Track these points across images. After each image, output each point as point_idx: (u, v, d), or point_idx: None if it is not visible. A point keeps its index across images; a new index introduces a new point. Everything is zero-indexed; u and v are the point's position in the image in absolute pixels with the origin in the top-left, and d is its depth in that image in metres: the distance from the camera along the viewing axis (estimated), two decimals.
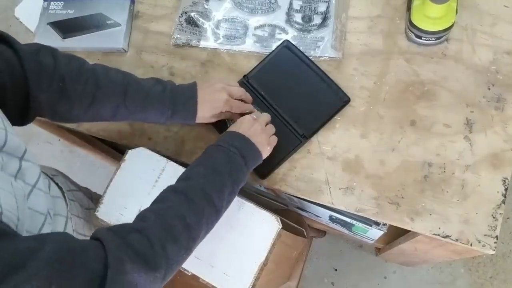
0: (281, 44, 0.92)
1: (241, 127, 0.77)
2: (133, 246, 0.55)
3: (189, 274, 0.77)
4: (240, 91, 0.85)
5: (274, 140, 0.81)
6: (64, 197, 0.79)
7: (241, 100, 0.85)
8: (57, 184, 0.80)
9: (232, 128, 0.78)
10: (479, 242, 0.78)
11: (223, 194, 0.69)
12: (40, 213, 0.61)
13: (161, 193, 0.68)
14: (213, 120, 0.84)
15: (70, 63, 0.72)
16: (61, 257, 0.48)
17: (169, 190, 0.68)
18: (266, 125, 0.81)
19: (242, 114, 0.83)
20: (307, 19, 0.94)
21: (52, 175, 0.83)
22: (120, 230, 0.57)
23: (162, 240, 0.58)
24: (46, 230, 0.62)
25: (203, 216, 0.65)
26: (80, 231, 0.80)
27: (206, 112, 0.81)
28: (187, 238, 0.62)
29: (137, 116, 0.78)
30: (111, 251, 0.52)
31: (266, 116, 0.83)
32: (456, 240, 0.78)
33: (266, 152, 0.79)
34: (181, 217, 0.63)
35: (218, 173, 0.70)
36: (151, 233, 0.58)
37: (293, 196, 0.88)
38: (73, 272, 0.48)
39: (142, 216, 0.63)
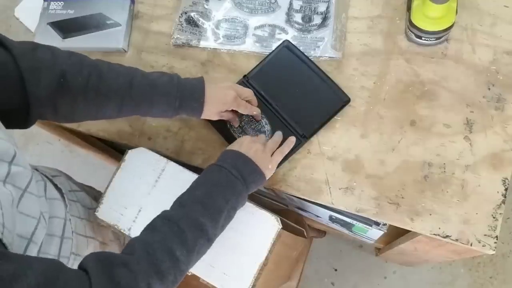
0: (281, 44, 0.92)
1: (242, 147, 0.75)
2: (119, 283, 0.54)
3: (189, 274, 0.77)
4: (248, 92, 0.84)
5: (277, 157, 0.80)
6: (63, 198, 0.78)
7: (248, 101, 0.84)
8: (56, 185, 0.79)
9: (233, 147, 0.76)
10: (479, 242, 0.78)
11: (218, 223, 0.68)
12: (32, 217, 0.60)
13: (155, 219, 0.66)
14: (217, 117, 0.82)
15: (70, 58, 0.70)
16: None
17: (163, 217, 0.66)
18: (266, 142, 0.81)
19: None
20: (307, 19, 0.94)
21: (52, 176, 0.81)
22: (108, 262, 0.56)
23: (148, 277, 0.57)
24: (40, 233, 0.61)
25: (194, 248, 0.64)
26: (81, 232, 0.80)
27: (213, 106, 0.79)
28: (174, 273, 0.61)
29: (143, 109, 0.75)
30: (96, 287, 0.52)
31: (263, 136, 0.84)
32: (456, 240, 0.78)
33: (268, 173, 0.77)
34: (171, 252, 0.61)
35: (217, 199, 0.68)
36: (137, 268, 0.57)
37: (293, 196, 0.88)
38: None
39: (131, 246, 0.61)
